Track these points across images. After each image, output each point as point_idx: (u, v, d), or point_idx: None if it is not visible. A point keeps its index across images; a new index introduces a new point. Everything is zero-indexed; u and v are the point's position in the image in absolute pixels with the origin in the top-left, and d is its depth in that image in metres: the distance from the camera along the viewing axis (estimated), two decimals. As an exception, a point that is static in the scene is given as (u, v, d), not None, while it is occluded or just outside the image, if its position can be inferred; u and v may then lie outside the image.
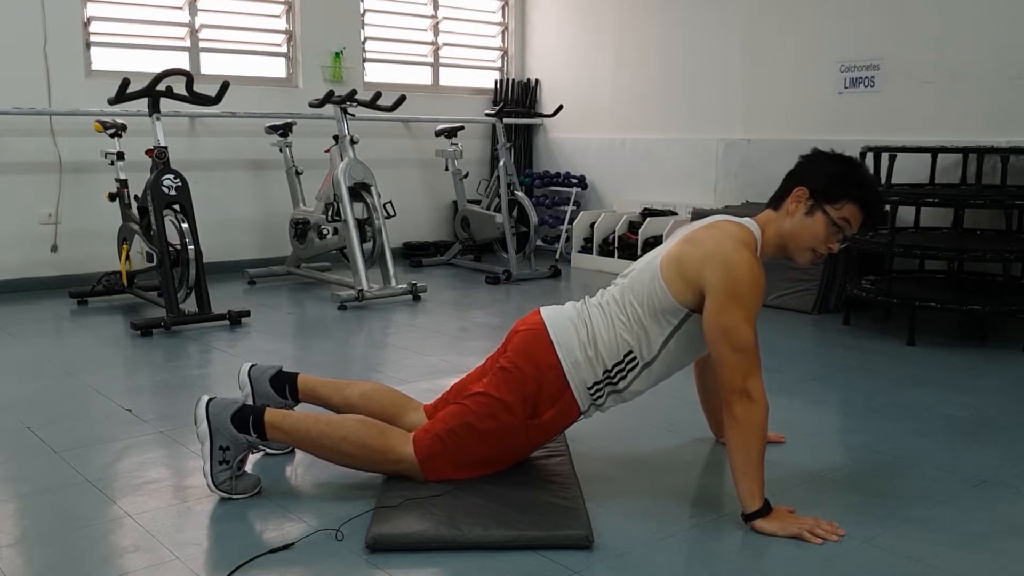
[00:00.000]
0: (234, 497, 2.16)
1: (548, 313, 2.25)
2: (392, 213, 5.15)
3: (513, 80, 7.20)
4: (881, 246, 4.17)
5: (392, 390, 2.51)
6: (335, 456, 2.20)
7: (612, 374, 2.17)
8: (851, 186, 2.11)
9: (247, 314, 4.35)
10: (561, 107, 6.57)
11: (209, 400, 2.19)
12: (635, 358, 2.16)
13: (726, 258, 2.03)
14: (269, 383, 2.49)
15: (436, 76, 6.93)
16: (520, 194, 5.96)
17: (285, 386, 2.49)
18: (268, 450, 2.44)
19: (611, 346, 2.15)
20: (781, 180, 2.26)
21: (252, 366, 2.53)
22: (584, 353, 2.16)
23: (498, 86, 7.17)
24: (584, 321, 2.20)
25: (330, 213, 5.13)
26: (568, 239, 6.50)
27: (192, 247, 4.18)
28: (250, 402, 2.46)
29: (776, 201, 2.19)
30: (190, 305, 4.27)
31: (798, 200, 2.14)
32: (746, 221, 2.17)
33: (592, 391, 2.19)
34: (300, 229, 5.48)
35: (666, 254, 2.16)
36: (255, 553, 1.89)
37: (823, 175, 2.14)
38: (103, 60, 5.37)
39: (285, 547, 1.92)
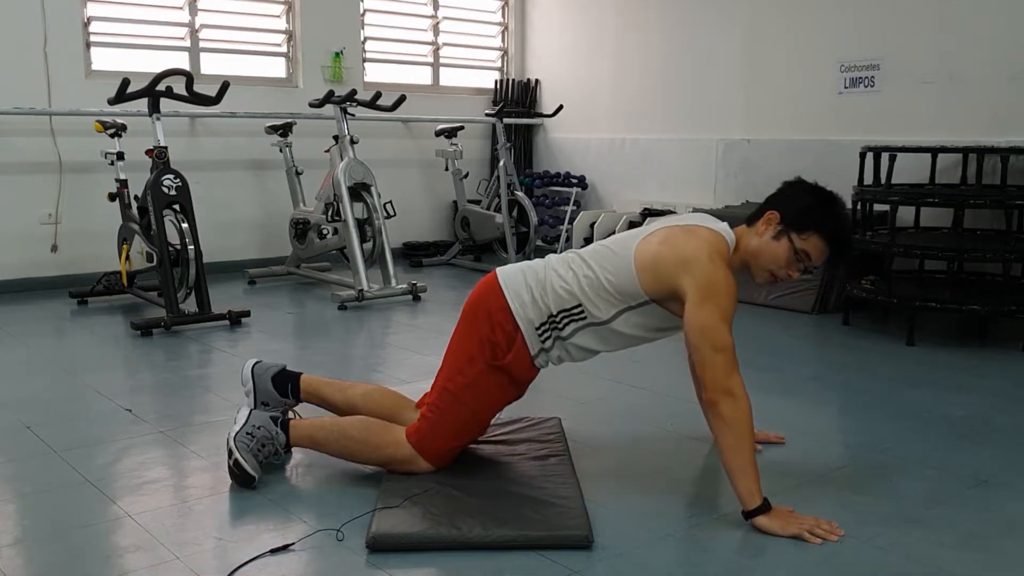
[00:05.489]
0: (240, 462, 2.21)
1: (501, 268, 2.36)
2: (392, 213, 5.15)
3: (513, 80, 7.20)
4: (881, 246, 4.17)
5: (392, 391, 2.56)
6: (344, 453, 2.30)
7: (557, 318, 2.23)
8: (821, 220, 2.17)
9: (247, 314, 4.35)
10: (561, 107, 6.57)
11: (251, 407, 2.38)
12: (583, 312, 2.22)
13: (702, 265, 2.11)
14: (271, 381, 2.51)
15: (436, 76, 6.93)
16: (520, 194, 5.96)
17: (287, 385, 2.51)
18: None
19: (561, 293, 2.22)
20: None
21: (256, 363, 2.56)
22: (530, 294, 2.23)
23: (498, 86, 7.17)
24: (535, 269, 2.29)
25: (330, 213, 5.12)
26: (568, 239, 6.49)
27: (192, 247, 4.18)
28: (251, 399, 2.51)
29: (751, 219, 2.27)
30: (190, 305, 4.27)
31: (768, 222, 2.21)
32: (723, 228, 2.23)
33: (540, 332, 2.24)
34: (300, 229, 5.48)
35: (643, 246, 2.21)
36: (255, 553, 1.89)
37: (797, 205, 2.20)
38: (103, 60, 5.37)
39: (285, 547, 1.92)
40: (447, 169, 6.32)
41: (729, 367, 2.06)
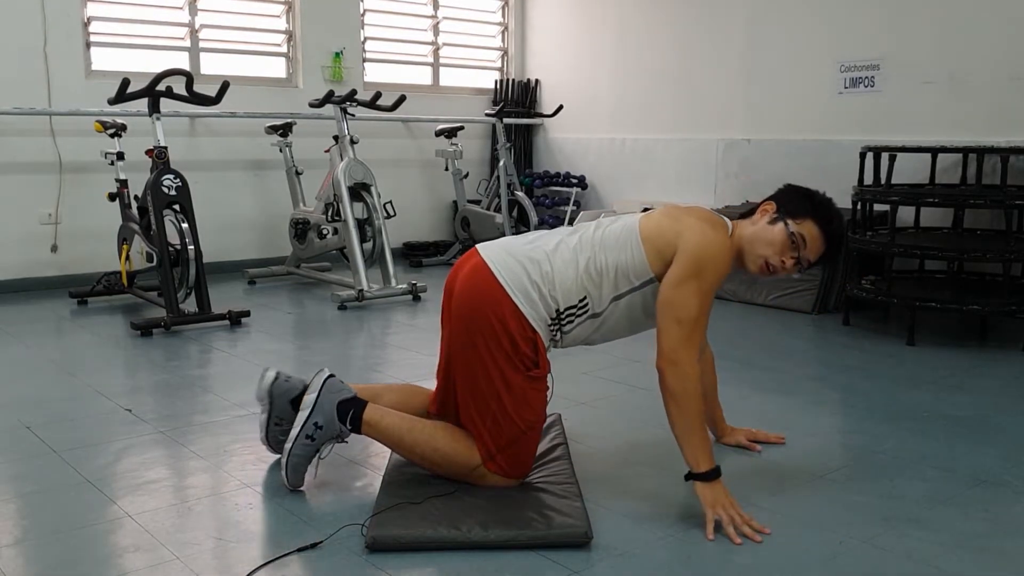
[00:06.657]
0: (285, 482, 2.21)
1: (487, 255, 2.23)
2: (392, 213, 5.15)
3: (513, 80, 7.20)
4: (881, 246, 4.17)
5: (420, 391, 2.50)
6: (425, 462, 2.23)
7: (563, 314, 2.20)
8: (815, 209, 2.22)
9: (247, 314, 4.35)
10: (561, 107, 6.57)
11: (328, 376, 2.25)
12: (587, 304, 2.20)
13: (704, 231, 2.14)
14: (290, 404, 2.35)
15: (436, 76, 6.93)
16: (520, 194, 5.95)
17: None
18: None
19: (570, 286, 2.18)
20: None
21: (275, 380, 2.36)
22: (537, 291, 2.17)
23: (498, 86, 7.17)
24: (536, 261, 2.20)
25: (330, 213, 5.13)
26: (568, 239, 6.49)
27: (192, 247, 4.18)
28: (265, 416, 2.39)
29: (747, 215, 2.31)
30: (190, 305, 4.27)
31: (764, 212, 2.25)
32: (720, 215, 2.29)
33: (550, 328, 2.22)
34: (300, 229, 5.48)
35: (647, 219, 2.23)
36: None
37: (792, 197, 2.26)
38: (103, 60, 5.37)
39: (314, 545, 1.92)
40: (447, 169, 6.32)
41: (684, 340, 2.07)
